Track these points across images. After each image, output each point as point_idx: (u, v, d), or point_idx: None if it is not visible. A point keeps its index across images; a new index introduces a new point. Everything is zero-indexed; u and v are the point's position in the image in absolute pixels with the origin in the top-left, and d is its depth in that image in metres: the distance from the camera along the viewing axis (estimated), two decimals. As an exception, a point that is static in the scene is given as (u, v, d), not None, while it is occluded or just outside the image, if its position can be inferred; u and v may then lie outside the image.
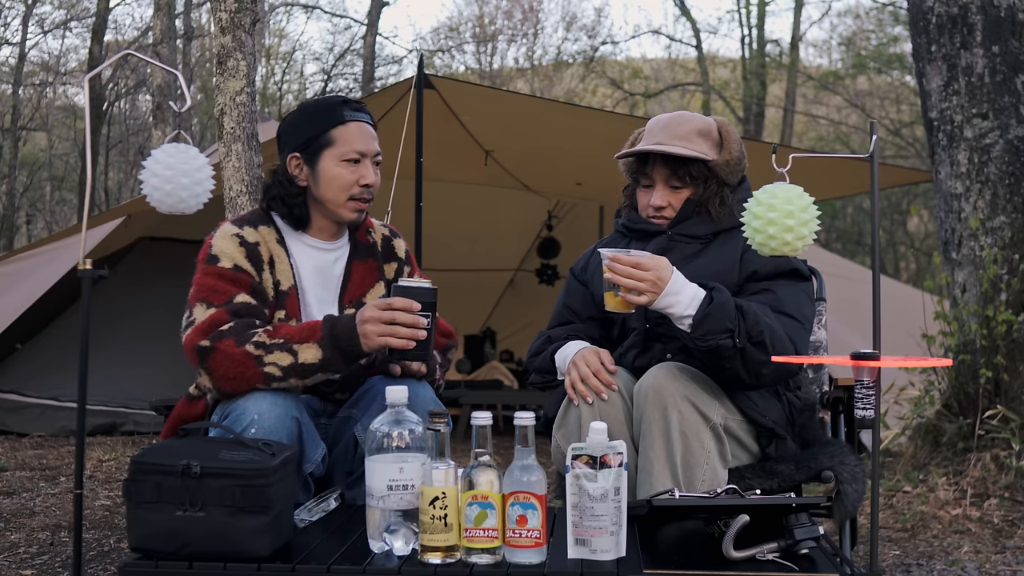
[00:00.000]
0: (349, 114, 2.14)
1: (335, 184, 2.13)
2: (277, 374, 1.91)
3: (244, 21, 3.42)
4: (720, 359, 1.96)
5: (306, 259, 2.18)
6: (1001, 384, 4.02)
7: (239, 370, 1.91)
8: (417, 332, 1.90)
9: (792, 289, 2.11)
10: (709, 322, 1.92)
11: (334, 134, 2.13)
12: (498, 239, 8.48)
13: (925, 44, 4.50)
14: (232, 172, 3.37)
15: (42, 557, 2.98)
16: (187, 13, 13.11)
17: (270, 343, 1.93)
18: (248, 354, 1.91)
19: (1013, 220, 4.25)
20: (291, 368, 1.92)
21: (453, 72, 19.40)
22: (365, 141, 2.14)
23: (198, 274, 2.07)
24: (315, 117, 2.15)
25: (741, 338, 1.92)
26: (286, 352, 1.92)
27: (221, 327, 1.95)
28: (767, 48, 18.19)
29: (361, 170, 2.14)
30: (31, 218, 17.16)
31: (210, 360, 1.93)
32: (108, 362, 5.53)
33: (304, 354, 1.92)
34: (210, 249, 2.09)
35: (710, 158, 2.17)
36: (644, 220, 2.26)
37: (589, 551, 1.61)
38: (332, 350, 1.92)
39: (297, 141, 2.16)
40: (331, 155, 2.13)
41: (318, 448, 2.01)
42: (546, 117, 5.88)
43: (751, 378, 1.98)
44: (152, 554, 1.65)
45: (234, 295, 2.01)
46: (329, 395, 2.18)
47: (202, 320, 1.96)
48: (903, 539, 3.38)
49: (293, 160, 2.16)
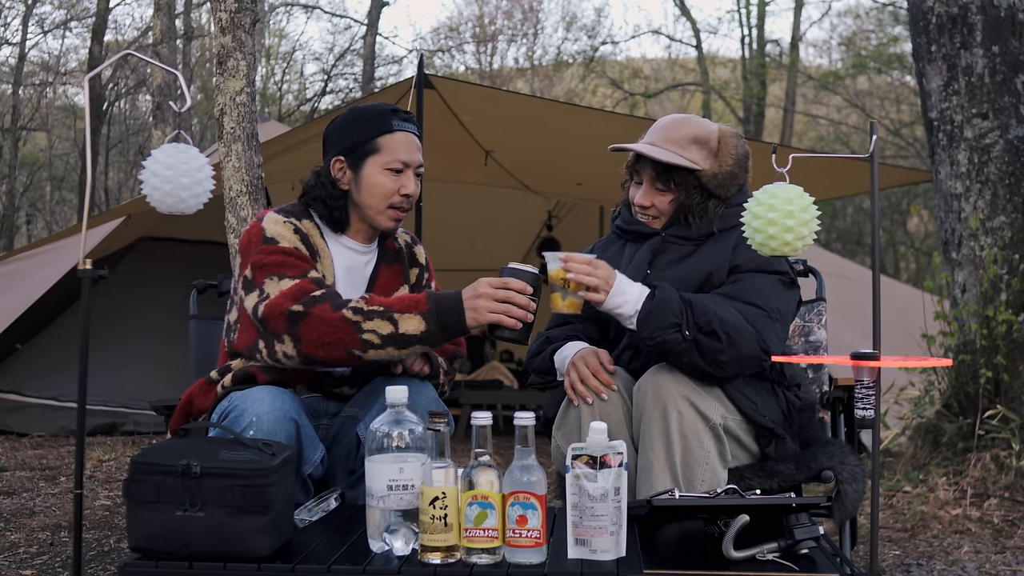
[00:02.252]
0: (397, 124, 2.15)
1: (376, 191, 2.14)
2: (376, 341, 1.90)
3: (244, 21, 3.42)
4: (674, 355, 1.97)
5: (341, 258, 2.19)
6: (1001, 384, 4.02)
7: (337, 335, 1.90)
8: (527, 315, 1.91)
9: (762, 280, 2.09)
10: (653, 319, 1.95)
11: (381, 142, 2.13)
12: (498, 239, 8.48)
13: (925, 44, 4.50)
14: (232, 172, 3.37)
15: (42, 557, 2.98)
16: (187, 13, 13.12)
17: (368, 309, 1.92)
18: (346, 319, 1.90)
19: (1013, 220, 4.25)
20: (391, 337, 1.90)
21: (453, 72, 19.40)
22: (410, 152, 2.15)
23: (257, 255, 2.04)
24: (364, 123, 2.16)
25: (690, 329, 1.93)
26: (386, 320, 1.91)
27: (313, 293, 1.94)
28: (767, 48, 18.19)
29: (403, 180, 2.14)
30: (31, 218, 17.16)
31: (302, 324, 1.91)
32: (108, 362, 5.54)
33: (405, 324, 1.91)
34: (263, 232, 2.07)
35: (698, 167, 2.15)
36: (638, 222, 2.26)
37: (589, 551, 1.61)
38: (435, 323, 1.92)
39: (343, 145, 2.16)
40: (375, 162, 2.13)
41: (317, 450, 2.01)
42: (546, 117, 5.88)
43: (713, 368, 1.97)
44: (152, 554, 1.65)
45: (308, 269, 2.02)
46: (334, 387, 2.18)
47: (287, 288, 1.95)
48: (903, 539, 3.38)
49: (337, 163, 2.17)
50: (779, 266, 2.14)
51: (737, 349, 1.96)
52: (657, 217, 2.22)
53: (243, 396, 1.94)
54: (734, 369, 2.00)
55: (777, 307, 2.07)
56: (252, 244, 2.07)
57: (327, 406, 2.19)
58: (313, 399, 2.17)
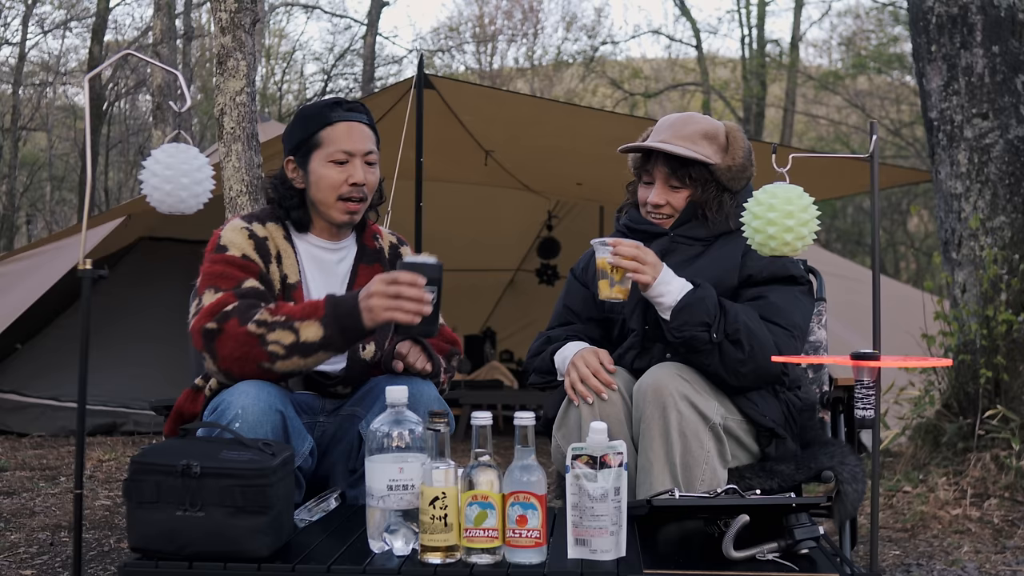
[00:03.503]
0: (338, 115, 2.15)
1: (324, 184, 2.14)
2: (281, 352, 1.91)
3: (244, 21, 3.42)
4: (697, 353, 1.99)
5: (310, 257, 2.20)
6: (1001, 384, 4.02)
7: (243, 350, 1.91)
8: (422, 307, 1.87)
9: (785, 295, 2.11)
10: (687, 312, 1.97)
11: (322, 135, 2.14)
12: (498, 239, 8.48)
13: (925, 44, 4.50)
14: (232, 172, 3.37)
15: (42, 557, 2.98)
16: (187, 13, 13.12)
17: (271, 321, 1.92)
18: (251, 333, 1.91)
19: (1013, 220, 4.25)
20: (293, 346, 1.91)
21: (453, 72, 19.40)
22: (353, 140, 2.14)
23: (206, 264, 2.09)
24: (306, 120, 2.18)
25: (718, 333, 1.96)
26: (288, 330, 1.91)
27: (226, 308, 1.95)
28: (767, 48, 18.20)
29: (350, 169, 2.14)
30: (31, 218, 17.16)
31: (216, 341, 1.92)
32: (108, 362, 5.54)
33: (305, 332, 1.91)
34: (219, 240, 2.11)
35: (712, 161, 2.17)
36: (646, 221, 2.26)
37: (589, 551, 1.61)
38: (334, 327, 1.91)
39: (291, 144, 2.19)
40: (319, 156, 2.14)
41: (304, 441, 2.01)
42: (546, 117, 5.88)
43: (731, 376, 2.00)
44: (152, 554, 1.64)
45: (242, 280, 2.03)
46: (329, 388, 2.18)
47: (207, 304, 1.97)
48: (903, 539, 3.38)
49: (289, 164, 2.20)
50: (795, 271, 2.15)
51: (756, 363, 1.98)
52: (671, 216, 2.22)
53: (229, 391, 1.94)
54: (750, 381, 2.03)
55: (798, 323, 2.11)
56: (208, 251, 2.11)
57: (323, 403, 2.19)
58: (309, 396, 2.17)
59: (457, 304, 7.51)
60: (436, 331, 1.97)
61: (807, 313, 2.17)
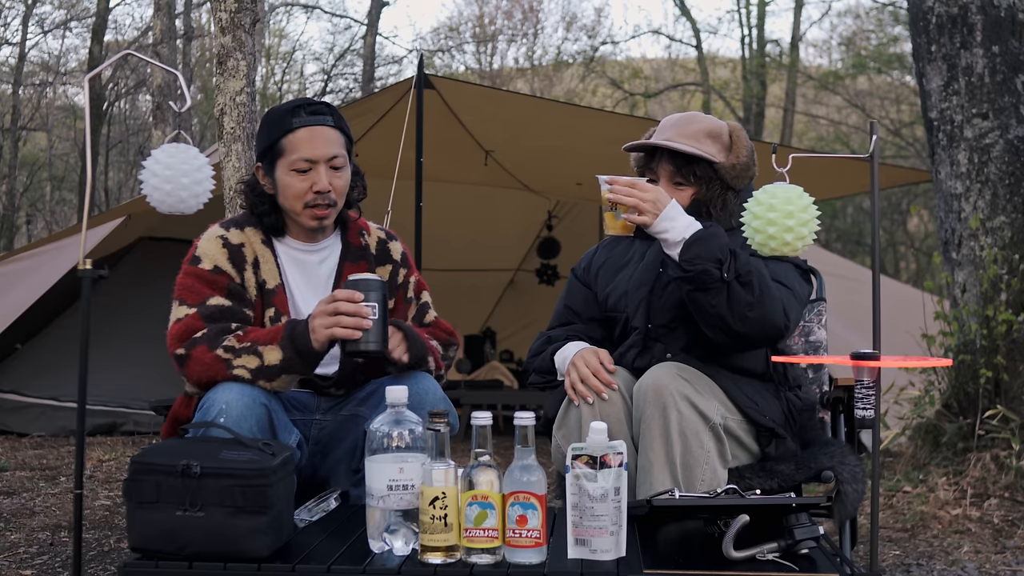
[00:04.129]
0: (298, 121, 2.09)
1: (289, 193, 2.12)
2: (246, 376, 1.95)
3: (244, 21, 3.42)
4: (706, 291, 1.94)
5: (291, 260, 2.19)
6: (1001, 384, 4.02)
7: (210, 374, 1.95)
8: (361, 321, 1.90)
9: (782, 266, 2.11)
10: (699, 246, 1.94)
11: (284, 143, 2.10)
12: (498, 239, 8.48)
13: (925, 44, 4.50)
14: (232, 172, 3.37)
15: (42, 557, 2.98)
16: (187, 13, 13.12)
17: (239, 347, 1.96)
18: (218, 358, 1.95)
19: (1013, 220, 4.25)
20: (259, 370, 1.95)
21: (453, 72, 19.40)
22: (314, 147, 2.08)
23: (180, 274, 2.11)
24: (270, 126, 2.14)
25: (729, 272, 1.92)
26: (253, 355, 1.96)
27: (195, 334, 1.99)
28: (767, 48, 18.20)
29: (313, 176, 2.09)
30: (31, 218, 17.16)
31: (186, 366, 1.98)
32: (108, 362, 5.53)
33: (268, 356, 1.96)
34: (195, 251, 2.13)
35: (717, 160, 2.18)
36: None
37: (589, 551, 1.61)
38: (291, 350, 1.95)
39: (258, 150, 2.18)
40: (283, 165, 2.11)
41: (291, 435, 2.02)
42: (546, 117, 5.88)
43: (736, 321, 1.94)
44: (152, 554, 1.65)
45: (208, 297, 2.05)
46: (324, 389, 2.18)
47: (177, 326, 2.01)
48: (903, 539, 3.38)
49: (258, 170, 2.18)
50: (794, 259, 2.15)
51: (764, 308, 1.94)
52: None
53: (214, 389, 1.96)
54: (755, 329, 1.96)
55: (797, 290, 2.10)
56: (184, 261, 2.14)
57: (318, 401, 2.19)
58: (304, 394, 2.18)
59: (457, 304, 7.50)
60: (385, 348, 1.97)
61: (804, 288, 2.17)
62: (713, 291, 1.93)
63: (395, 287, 2.28)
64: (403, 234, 2.54)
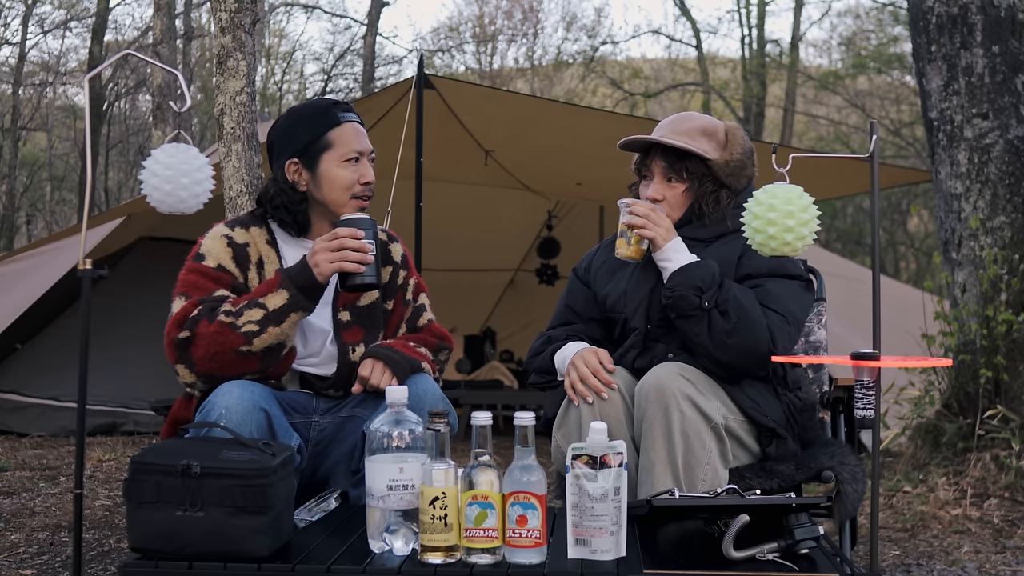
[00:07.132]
0: (343, 115, 2.19)
1: (337, 185, 2.16)
2: (255, 329, 1.97)
3: (244, 21, 3.42)
4: (687, 319, 2.02)
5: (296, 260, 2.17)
6: (1001, 384, 4.02)
7: (219, 341, 1.96)
8: (365, 256, 2.01)
9: (781, 285, 2.13)
10: (683, 274, 2.05)
11: (331, 136, 2.15)
12: (498, 239, 8.48)
13: (925, 44, 4.50)
14: (232, 172, 3.37)
15: (42, 557, 2.98)
16: (187, 13, 13.11)
17: (236, 309, 2.00)
18: (222, 323, 1.97)
19: (1013, 220, 4.25)
20: (265, 318, 1.99)
21: (453, 72, 19.39)
22: (361, 140, 2.19)
23: (183, 271, 2.12)
24: (310, 121, 2.17)
25: (709, 301, 2.00)
26: (255, 308, 1.99)
27: (192, 314, 2.00)
28: (767, 48, 18.19)
29: (361, 168, 2.18)
30: (31, 218, 17.15)
31: (190, 348, 1.98)
32: (108, 362, 5.53)
33: (271, 302, 2.00)
34: (199, 248, 2.15)
35: (710, 156, 2.18)
36: None
37: (589, 551, 1.61)
38: (294, 289, 2.01)
39: (295, 147, 2.17)
40: (331, 157, 2.15)
41: (291, 438, 2.02)
42: (546, 117, 5.88)
43: (717, 349, 2.01)
44: (152, 554, 1.65)
45: (212, 291, 2.07)
46: (322, 391, 2.18)
47: (172, 317, 2.02)
48: (903, 539, 3.38)
49: (292, 166, 2.18)
50: (793, 270, 2.17)
51: (742, 336, 1.99)
52: (669, 213, 2.23)
53: (214, 393, 1.96)
54: (738, 356, 2.01)
55: (794, 312, 2.12)
56: (187, 258, 2.15)
57: (317, 403, 2.19)
58: (303, 396, 2.18)
59: (457, 304, 7.51)
60: (380, 281, 2.10)
61: (804, 305, 2.18)
62: (694, 319, 2.02)
63: (395, 289, 2.29)
64: (403, 234, 2.55)
